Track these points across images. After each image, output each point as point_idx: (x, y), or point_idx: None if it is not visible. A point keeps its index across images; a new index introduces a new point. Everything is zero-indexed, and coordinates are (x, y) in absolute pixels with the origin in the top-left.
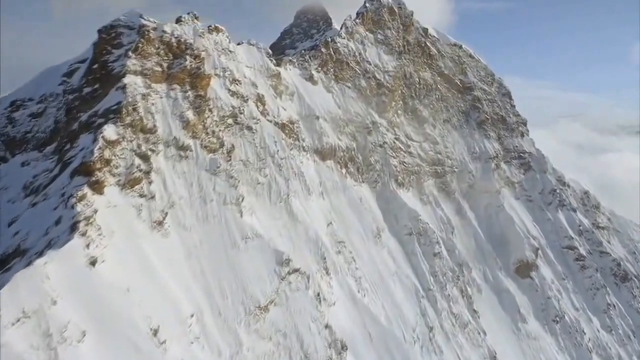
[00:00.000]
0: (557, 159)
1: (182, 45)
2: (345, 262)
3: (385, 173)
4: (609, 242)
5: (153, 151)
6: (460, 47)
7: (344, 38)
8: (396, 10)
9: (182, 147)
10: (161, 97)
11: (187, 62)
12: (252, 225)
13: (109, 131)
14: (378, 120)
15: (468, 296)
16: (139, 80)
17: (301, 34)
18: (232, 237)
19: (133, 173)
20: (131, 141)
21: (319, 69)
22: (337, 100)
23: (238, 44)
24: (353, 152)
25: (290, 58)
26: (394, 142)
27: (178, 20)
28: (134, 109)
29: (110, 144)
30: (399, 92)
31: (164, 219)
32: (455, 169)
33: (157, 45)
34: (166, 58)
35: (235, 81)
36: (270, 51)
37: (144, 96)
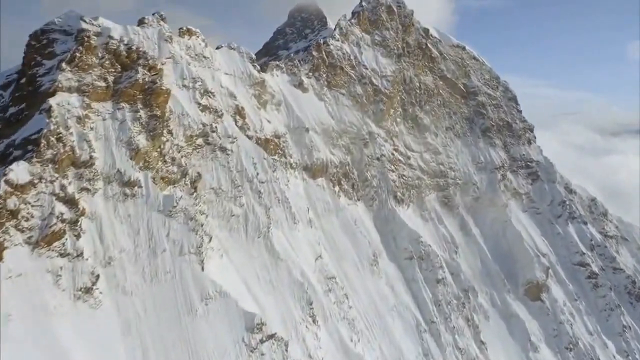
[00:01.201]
0: (557, 161)
1: (134, 54)
2: (337, 303)
3: (383, 189)
4: (617, 252)
5: (87, 191)
6: (464, 48)
7: (338, 40)
8: (395, 9)
9: (128, 183)
10: (104, 119)
11: (140, 75)
12: (216, 280)
13: (18, 172)
14: (375, 130)
15: (475, 326)
16: (73, 98)
17: (295, 33)
18: (189, 298)
19: (51, 225)
20: (52, 182)
21: (310, 74)
22: (330, 109)
23: (217, 47)
24: (347, 167)
25: (277, 63)
26: (393, 154)
27: (141, 22)
28: (59, 139)
29: (19, 189)
30: (398, 98)
31: (94, 283)
32: (459, 181)
33: (100, 55)
34: (112, 70)
35: (207, 93)
36: (253, 56)
37: (80, 119)
